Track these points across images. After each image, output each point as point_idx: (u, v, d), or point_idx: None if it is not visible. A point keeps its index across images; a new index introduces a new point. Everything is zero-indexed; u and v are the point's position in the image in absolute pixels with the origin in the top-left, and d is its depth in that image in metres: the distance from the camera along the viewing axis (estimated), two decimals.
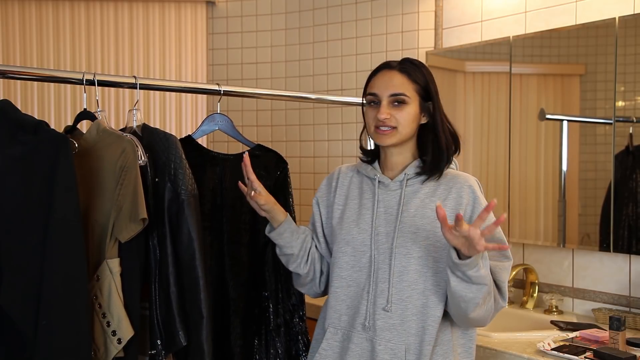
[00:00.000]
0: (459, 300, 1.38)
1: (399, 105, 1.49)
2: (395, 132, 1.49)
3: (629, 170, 2.18)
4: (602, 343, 1.87)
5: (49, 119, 3.11)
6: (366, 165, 1.61)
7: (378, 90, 1.51)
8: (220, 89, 1.89)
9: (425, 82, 1.52)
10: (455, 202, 1.48)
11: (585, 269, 2.34)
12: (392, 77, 1.51)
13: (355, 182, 1.62)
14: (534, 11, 2.47)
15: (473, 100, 2.65)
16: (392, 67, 1.53)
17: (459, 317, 1.45)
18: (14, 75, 1.62)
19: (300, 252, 1.61)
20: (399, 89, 1.49)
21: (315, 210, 1.68)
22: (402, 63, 1.53)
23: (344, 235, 1.55)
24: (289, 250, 1.60)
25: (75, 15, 3.19)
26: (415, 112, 1.50)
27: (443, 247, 1.45)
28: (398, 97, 1.48)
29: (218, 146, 3.17)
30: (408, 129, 1.50)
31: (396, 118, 1.48)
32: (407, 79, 1.50)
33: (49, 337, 1.39)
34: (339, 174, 1.67)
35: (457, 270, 1.33)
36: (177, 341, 1.58)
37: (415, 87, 1.50)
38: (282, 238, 1.59)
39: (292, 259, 1.61)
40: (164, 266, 1.60)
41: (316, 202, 1.68)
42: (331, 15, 3.12)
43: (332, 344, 1.52)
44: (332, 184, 1.66)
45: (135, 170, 1.53)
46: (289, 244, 1.59)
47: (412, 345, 1.44)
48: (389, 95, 1.49)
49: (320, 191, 1.69)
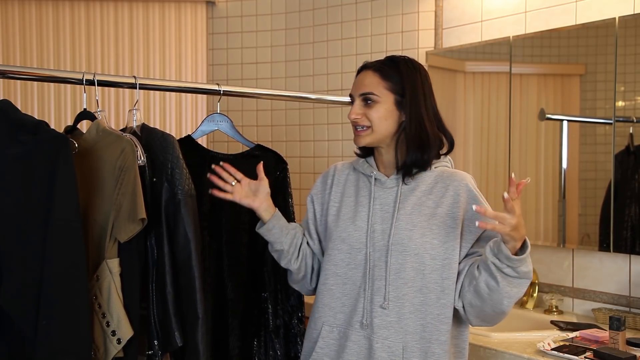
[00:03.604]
0: (502, 297, 1.37)
1: (370, 104, 1.51)
2: (370, 132, 1.52)
3: (629, 171, 2.18)
4: (602, 343, 1.87)
5: (49, 119, 3.11)
6: (363, 162, 1.61)
7: (353, 90, 1.56)
8: (220, 89, 1.89)
9: (400, 79, 1.51)
10: (452, 199, 1.49)
11: (585, 269, 2.34)
12: (364, 77, 1.54)
13: (352, 179, 1.63)
14: (534, 11, 2.47)
15: (473, 100, 2.65)
16: (367, 67, 1.56)
17: (490, 315, 1.43)
18: (14, 75, 1.63)
19: (291, 249, 1.62)
20: (368, 88, 1.51)
21: (309, 208, 1.69)
22: (380, 62, 1.55)
23: (339, 232, 1.55)
24: (278, 246, 1.61)
25: (75, 15, 3.19)
26: (388, 110, 1.51)
27: (440, 245, 1.45)
28: (366, 96, 1.51)
29: (218, 146, 3.17)
30: (382, 128, 1.51)
31: (367, 117, 1.51)
32: (379, 77, 1.51)
33: (49, 337, 1.39)
34: (334, 171, 1.67)
35: (508, 268, 1.33)
36: (173, 342, 1.58)
37: (387, 85, 1.51)
38: (272, 234, 1.60)
39: (282, 255, 1.62)
40: (161, 266, 1.60)
41: (310, 199, 1.69)
42: (331, 15, 3.12)
43: (329, 342, 1.52)
44: (327, 182, 1.67)
45: (135, 171, 1.54)
46: (278, 239, 1.60)
47: (410, 344, 1.44)
48: (359, 94, 1.53)
49: (315, 189, 1.69)
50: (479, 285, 1.39)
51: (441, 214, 1.47)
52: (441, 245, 1.45)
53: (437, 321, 1.44)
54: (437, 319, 1.44)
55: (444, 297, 1.45)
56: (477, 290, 1.40)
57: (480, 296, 1.40)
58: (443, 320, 1.46)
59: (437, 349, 1.45)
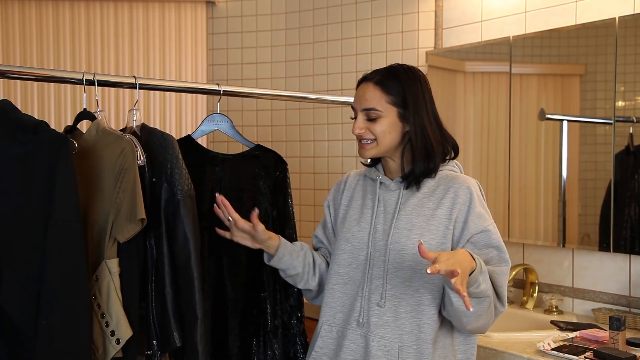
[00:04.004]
0: (460, 315, 1.39)
1: (373, 119, 1.51)
2: (375, 144, 1.52)
3: (629, 171, 2.18)
4: (602, 343, 1.87)
5: (49, 119, 3.11)
6: (371, 168, 1.64)
7: (355, 104, 1.55)
8: (220, 89, 1.89)
9: (402, 92, 1.50)
10: (451, 201, 1.49)
11: (585, 269, 2.34)
12: (365, 90, 1.53)
13: (361, 184, 1.66)
14: (534, 11, 2.47)
15: (473, 100, 2.65)
16: (368, 80, 1.54)
17: (459, 326, 1.46)
18: (14, 75, 1.62)
19: (305, 269, 1.63)
20: (370, 104, 1.50)
21: (326, 214, 1.72)
22: (380, 74, 1.53)
23: (344, 233, 1.58)
24: (292, 271, 1.62)
25: (75, 15, 3.19)
26: (392, 123, 1.51)
27: (437, 246, 1.45)
28: (369, 113, 1.51)
29: (218, 146, 3.17)
30: (387, 140, 1.51)
31: (371, 131, 1.51)
32: (381, 91, 1.50)
33: (49, 337, 1.39)
34: (347, 178, 1.71)
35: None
36: (172, 342, 1.58)
37: (389, 99, 1.50)
38: (283, 262, 1.61)
39: (298, 279, 1.64)
40: (160, 266, 1.60)
41: (327, 205, 1.73)
42: (331, 15, 3.12)
43: (327, 342, 1.53)
44: (340, 188, 1.71)
45: (134, 171, 1.53)
46: (291, 265, 1.62)
47: (407, 344, 1.44)
48: (362, 109, 1.52)
49: (330, 195, 1.74)
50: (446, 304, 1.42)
51: (440, 215, 1.48)
52: (438, 246, 1.46)
53: (433, 321, 1.45)
54: (432, 319, 1.45)
55: (440, 297, 1.46)
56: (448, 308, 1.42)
57: (450, 312, 1.42)
58: (445, 325, 1.47)
59: (441, 352, 1.46)
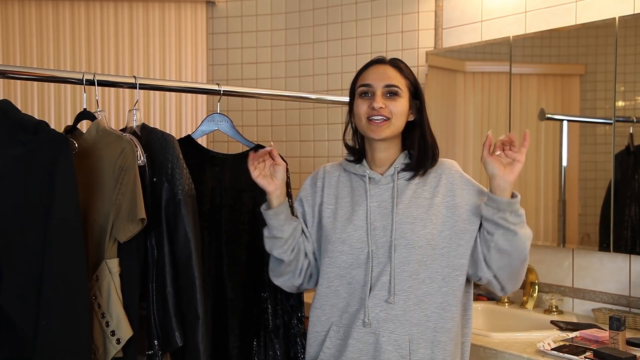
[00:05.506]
0: (524, 241, 1.44)
1: (393, 97, 1.52)
2: (389, 124, 1.52)
3: (629, 170, 2.18)
4: (602, 343, 1.87)
5: (49, 119, 3.11)
6: (354, 164, 1.61)
7: (372, 81, 1.54)
8: (220, 89, 1.89)
9: (415, 80, 1.58)
10: (446, 188, 1.52)
11: (585, 269, 2.34)
12: (385, 69, 1.55)
13: (344, 180, 1.62)
14: (534, 11, 2.47)
15: (473, 100, 2.65)
16: (384, 62, 1.58)
17: (518, 267, 1.48)
18: (14, 75, 1.63)
19: (289, 239, 1.58)
20: (393, 81, 1.53)
21: (297, 209, 1.66)
22: (395, 60, 1.58)
23: (338, 234, 1.54)
24: (279, 233, 1.57)
25: (75, 15, 3.19)
26: (406, 106, 1.55)
27: (438, 234, 1.48)
28: (392, 89, 1.52)
29: (218, 146, 3.17)
30: (400, 122, 1.53)
31: (390, 109, 1.51)
32: (400, 73, 1.55)
33: (49, 337, 1.39)
34: (324, 173, 1.67)
35: (512, 215, 1.41)
36: (174, 341, 1.58)
37: (406, 83, 1.55)
38: (278, 219, 1.57)
39: (279, 243, 1.58)
40: (161, 266, 1.60)
41: (299, 201, 1.67)
42: (331, 15, 3.12)
43: (335, 342, 1.53)
44: (317, 184, 1.66)
45: (134, 171, 1.54)
46: (282, 226, 1.57)
47: (416, 335, 1.45)
48: (384, 85, 1.53)
49: (303, 191, 1.68)
50: (499, 243, 1.44)
51: (437, 204, 1.50)
52: (439, 234, 1.49)
53: (441, 309, 1.47)
54: (440, 307, 1.47)
55: (445, 285, 1.48)
56: (500, 249, 1.45)
57: (505, 252, 1.45)
58: (446, 308, 1.48)
59: (443, 337, 1.47)
